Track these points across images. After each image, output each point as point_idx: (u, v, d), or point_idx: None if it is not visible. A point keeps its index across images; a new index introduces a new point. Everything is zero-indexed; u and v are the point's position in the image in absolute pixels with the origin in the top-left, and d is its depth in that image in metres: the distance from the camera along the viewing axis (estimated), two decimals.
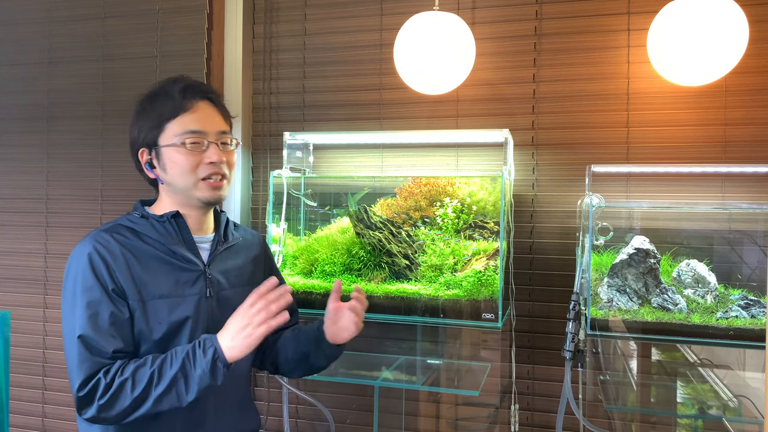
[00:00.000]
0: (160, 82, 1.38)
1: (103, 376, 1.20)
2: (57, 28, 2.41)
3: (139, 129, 1.36)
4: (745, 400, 1.75)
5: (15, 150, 2.46)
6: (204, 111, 1.35)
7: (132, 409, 1.20)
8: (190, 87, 1.35)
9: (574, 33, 1.97)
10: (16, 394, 2.44)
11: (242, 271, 1.45)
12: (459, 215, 1.85)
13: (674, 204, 1.86)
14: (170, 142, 1.32)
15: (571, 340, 1.60)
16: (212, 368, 1.20)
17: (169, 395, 1.20)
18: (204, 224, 1.41)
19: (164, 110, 1.33)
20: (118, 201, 2.33)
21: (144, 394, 1.19)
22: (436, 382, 1.97)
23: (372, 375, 1.92)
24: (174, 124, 1.32)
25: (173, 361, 1.21)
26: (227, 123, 1.41)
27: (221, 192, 1.37)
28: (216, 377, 1.21)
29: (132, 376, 1.20)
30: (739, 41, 1.55)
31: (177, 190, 1.35)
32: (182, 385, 1.20)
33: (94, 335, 1.22)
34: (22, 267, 2.45)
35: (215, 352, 1.21)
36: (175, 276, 1.32)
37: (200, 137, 1.32)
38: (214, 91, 1.41)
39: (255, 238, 1.56)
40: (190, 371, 1.20)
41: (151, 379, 1.20)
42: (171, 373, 1.20)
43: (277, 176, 1.96)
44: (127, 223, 1.35)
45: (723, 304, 1.62)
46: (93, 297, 1.25)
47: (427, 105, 2.10)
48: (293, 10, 2.24)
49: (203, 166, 1.33)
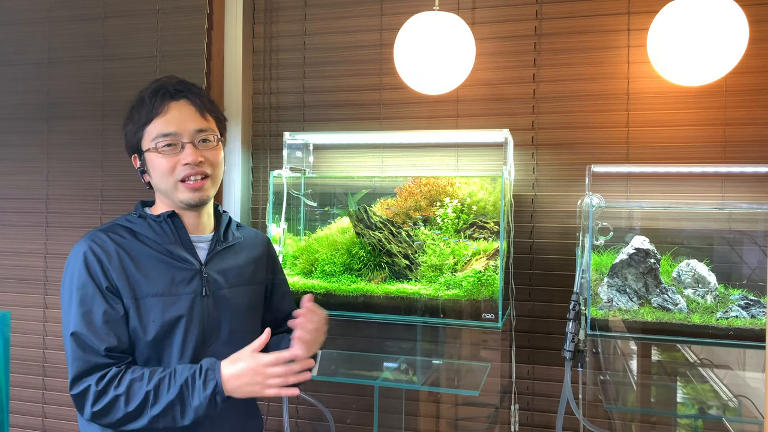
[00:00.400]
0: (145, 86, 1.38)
1: (95, 383, 1.22)
2: (57, 28, 2.41)
3: (126, 135, 1.38)
4: (745, 400, 1.75)
5: (15, 150, 2.46)
6: (177, 111, 1.33)
7: (126, 421, 1.23)
8: (161, 89, 1.34)
9: (574, 33, 1.97)
10: (16, 394, 2.44)
11: (242, 271, 1.44)
12: (459, 215, 1.85)
13: (674, 204, 1.85)
14: (147, 147, 1.33)
15: (571, 340, 1.60)
16: (210, 401, 1.22)
17: (165, 418, 1.22)
18: (201, 224, 1.41)
19: (141, 116, 1.33)
20: (118, 201, 2.33)
21: (138, 412, 1.21)
22: (436, 382, 1.97)
23: (372, 375, 1.92)
24: (149, 129, 1.33)
25: (171, 384, 1.22)
26: (209, 119, 1.37)
27: (202, 193, 1.35)
28: (214, 409, 1.22)
29: (127, 391, 1.21)
30: (739, 41, 1.55)
31: (163, 193, 1.37)
32: (178, 411, 1.22)
33: (87, 333, 1.24)
34: (22, 267, 2.45)
35: (216, 387, 1.22)
36: (170, 275, 1.32)
37: (173, 139, 1.31)
38: (192, 88, 1.37)
39: (258, 238, 1.55)
40: (188, 400, 1.22)
41: (146, 398, 1.21)
42: (168, 398, 1.21)
43: (277, 176, 1.96)
44: (125, 223, 1.36)
45: (723, 304, 1.62)
46: (86, 295, 1.27)
47: (427, 105, 2.10)
48: (293, 10, 2.24)
49: (179, 168, 1.32)
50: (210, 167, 1.35)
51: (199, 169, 1.33)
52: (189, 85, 1.38)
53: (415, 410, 2.09)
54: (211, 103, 1.39)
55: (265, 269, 1.53)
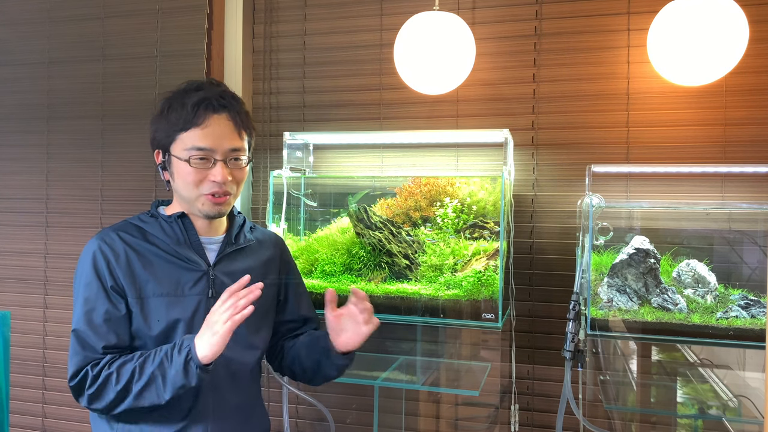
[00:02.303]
0: (184, 85, 1.35)
1: (90, 368, 1.25)
2: (57, 28, 2.41)
3: (155, 130, 1.35)
4: (745, 400, 1.75)
5: (15, 150, 2.46)
6: (216, 126, 1.30)
7: (117, 402, 1.24)
8: (205, 100, 1.30)
9: (574, 33, 1.97)
10: (16, 394, 2.43)
11: (251, 273, 1.43)
12: (459, 215, 1.85)
13: (674, 204, 1.85)
14: (178, 155, 1.31)
15: (571, 340, 1.60)
16: (185, 368, 1.21)
17: (148, 391, 1.23)
18: (213, 226, 1.41)
19: (177, 120, 1.30)
20: (118, 201, 2.33)
21: (126, 389, 1.23)
22: (436, 382, 1.97)
23: (372, 375, 1.92)
24: (184, 136, 1.30)
25: (154, 358, 1.24)
26: (243, 137, 1.36)
27: (222, 207, 1.35)
28: (189, 378, 1.22)
29: (117, 370, 1.24)
30: (739, 41, 1.55)
31: (182, 198, 1.37)
32: (160, 383, 1.23)
33: (88, 330, 1.27)
34: (22, 267, 2.45)
35: (188, 353, 1.22)
36: (176, 275, 1.33)
37: (207, 154, 1.30)
38: (234, 102, 1.35)
39: (271, 240, 1.54)
40: (167, 370, 1.23)
41: (132, 374, 1.24)
42: (150, 370, 1.23)
43: (277, 176, 1.96)
44: (137, 222, 1.38)
45: (723, 304, 1.62)
46: (91, 293, 1.29)
47: (427, 105, 2.10)
48: (293, 10, 2.24)
49: (207, 183, 1.31)
50: (234, 186, 1.36)
51: (225, 189, 1.33)
52: (231, 98, 1.35)
53: (415, 410, 2.09)
54: (248, 119, 1.38)
55: (278, 271, 1.51)
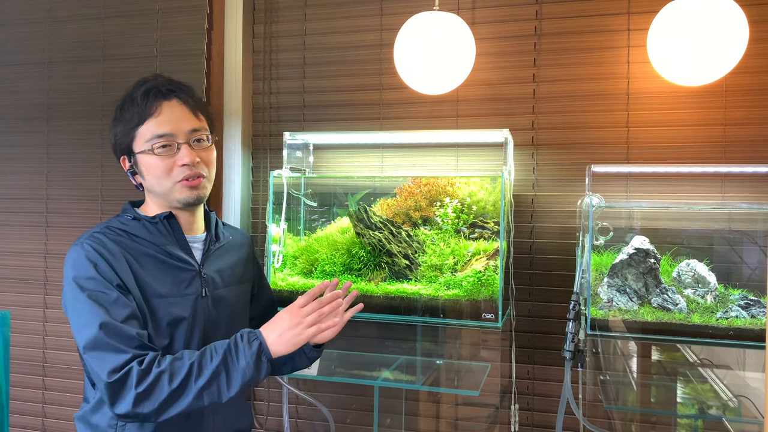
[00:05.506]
0: (131, 86, 1.35)
1: (137, 363, 1.15)
2: (57, 28, 2.41)
3: (114, 135, 1.35)
4: (745, 400, 1.75)
5: (15, 150, 2.46)
6: (169, 112, 1.30)
7: (170, 402, 1.15)
8: (153, 89, 1.31)
9: (574, 33, 1.97)
10: (16, 394, 2.43)
11: (234, 270, 1.45)
12: (459, 215, 1.85)
13: (674, 204, 1.85)
14: (141, 149, 1.31)
15: (571, 340, 1.60)
16: (257, 361, 1.18)
17: (210, 389, 1.16)
18: (194, 224, 1.41)
19: (131, 117, 1.30)
20: (118, 201, 2.33)
21: (183, 387, 1.15)
22: (436, 382, 1.97)
23: (372, 375, 1.92)
24: (142, 130, 1.30)
25: (213, 355, 1.19)
26: (201, 119, 1.35)
27: (200, 191, 1.34)
28: (260, 371, 1.19)
29: (170, 367, 1.16)
30: (739, 41, 1.55)
31: (158, 194, 1.35)
32: (224, 379, 1.17)
33: (113, 321, 1.18)
34: (22, 267, 2.45)
35: (260, 346, 1.20)
36: (172, 276, 1.32)
37: (169, 140, 1.30)
38: (183, 87, 1.35)
39: (243, 237, 1.57)
40: (233, 364, 1.18)
41: (190, 371, 1.16)
42: (212, 366, 1.17)
43: (277, 176, 1.96)
44: (119, 225, 1.33)
45: (723, 304, 1.62)
46: (100, 293, 1.21)
47: (427, 105, 2.10)
48: (293, 10, 2.24)
49: (177, 169, 1.30)
50: (205, 167, 1.35)
51: (197, 170, 1.32)
52: (179, 84, 1.35)
53: (415, 410, 2.09)
54: (201, 101, 1.38)
55: (252, 267, 1.56)
